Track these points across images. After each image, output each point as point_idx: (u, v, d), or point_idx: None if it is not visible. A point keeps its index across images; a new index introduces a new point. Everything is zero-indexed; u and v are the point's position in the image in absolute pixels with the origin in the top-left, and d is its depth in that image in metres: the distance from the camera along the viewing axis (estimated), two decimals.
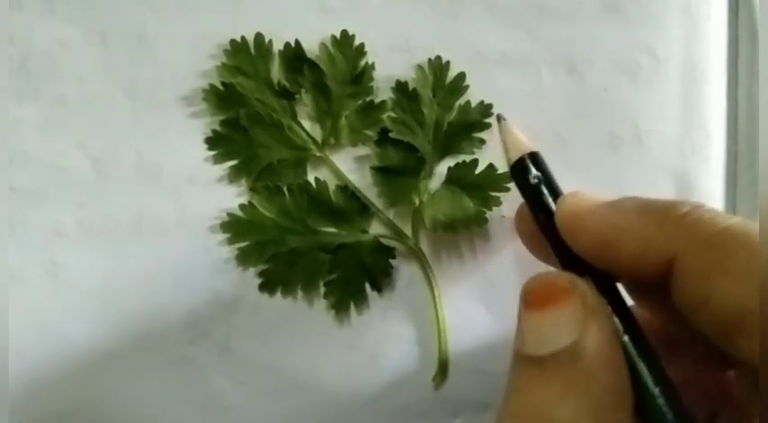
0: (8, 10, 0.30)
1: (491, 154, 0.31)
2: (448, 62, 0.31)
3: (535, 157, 0.24)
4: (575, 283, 0.19)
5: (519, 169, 0.24)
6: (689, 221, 0.18)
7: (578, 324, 0.18)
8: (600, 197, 0.21)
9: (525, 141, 0.24)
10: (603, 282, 0.21)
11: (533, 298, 0.19)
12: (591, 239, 0.20)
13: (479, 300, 0.31)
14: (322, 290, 0.30)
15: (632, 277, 0.20)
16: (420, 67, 0.31)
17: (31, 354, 0.29)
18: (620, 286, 0.22)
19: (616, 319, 0.20)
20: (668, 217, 0.19)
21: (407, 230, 0.30)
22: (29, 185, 0.30)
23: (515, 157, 0.24)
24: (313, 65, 0.30)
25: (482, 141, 0.31)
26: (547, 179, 0.24)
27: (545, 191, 0.23)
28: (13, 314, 0.29)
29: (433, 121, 0.30)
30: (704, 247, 0.18)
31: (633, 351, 0.19)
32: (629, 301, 0.22)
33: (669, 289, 0.19)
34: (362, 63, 0.30)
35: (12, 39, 0.30)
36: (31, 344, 0.29)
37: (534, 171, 0.24)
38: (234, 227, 0.30)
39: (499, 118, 0.26)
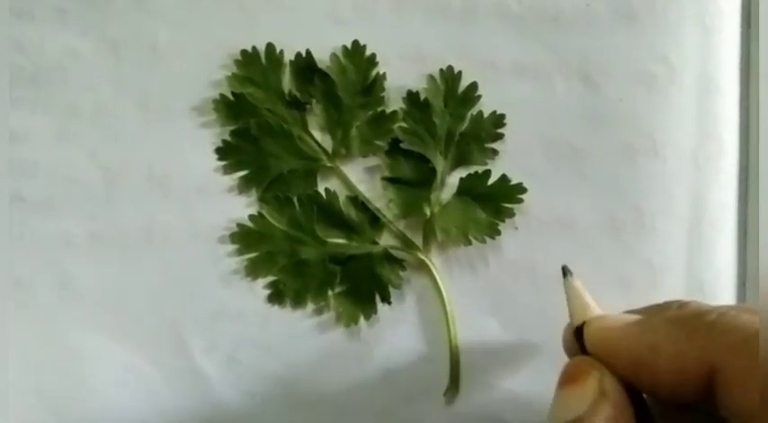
0: (20, 21, 0.30)
1: (504, 164, 0.30)
2: (460, 72, 0.30)
3: None
4: (592, 367, 0.21)
5: (581, 334, 0.24)
6: (719, 330, 0.19)
7: (586, 401, 0.20)
8: (624, 318, 0.22)
9: (591, 305, 0.24)
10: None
11: (563, 377, 0.22)
12: (625, 362, 0.21)
13: (491, 313, 0.30)
14: (331, 301, 0.30)
15: (672, 394, 0.21)
16: (432, 77, 0.30)
17: (39, 364, 0.29)
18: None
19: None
20: (697, 328, 0.19)
21: (418, 242, 0.30)
22: (39, 196, 0.30)
23: (578, 322, 0.24)
24: (324, 75, 0.30)
25: (495, 152, 0.30)
26: None
27: None
28: (22, 324, 0.29)
29: (444, 131, 0.30)
30: (743, 355, 0.18)
31: None
32: None
33: (713, 401, 0.19)
34: (374, 73, 0.30)
35: (24, 49, 0.30)
36: (40, 354, 0.29)
37: None
38: (243, 237, 0.30)
39: (565, 272, 0.25)
